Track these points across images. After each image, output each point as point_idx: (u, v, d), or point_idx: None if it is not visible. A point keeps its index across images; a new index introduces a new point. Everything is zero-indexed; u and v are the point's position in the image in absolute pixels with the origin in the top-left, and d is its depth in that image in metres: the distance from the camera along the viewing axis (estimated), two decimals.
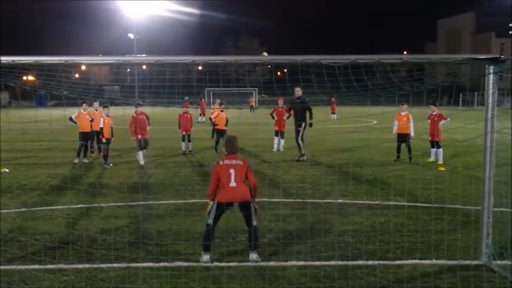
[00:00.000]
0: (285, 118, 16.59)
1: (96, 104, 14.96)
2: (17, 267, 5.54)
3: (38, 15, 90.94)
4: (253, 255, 5.70)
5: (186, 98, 34.73)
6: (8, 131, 18.85)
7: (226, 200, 5.69)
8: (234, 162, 5.80)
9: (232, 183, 5.69)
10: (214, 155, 15.34)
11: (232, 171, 5.71)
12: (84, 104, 14.45)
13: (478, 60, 5.54)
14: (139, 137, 13.59)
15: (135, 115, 13.74)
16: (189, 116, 16.62)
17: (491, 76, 5.44)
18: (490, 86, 5.47)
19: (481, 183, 5.68)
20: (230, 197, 5.68)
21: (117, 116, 14.71)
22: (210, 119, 16.92)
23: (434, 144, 13.79)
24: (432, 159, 13.88)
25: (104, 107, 13.91)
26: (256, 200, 6.00)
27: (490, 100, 5.48)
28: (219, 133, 16.33)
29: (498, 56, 5.38)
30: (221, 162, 5.83)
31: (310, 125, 14.55)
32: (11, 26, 79.08)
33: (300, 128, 14.29)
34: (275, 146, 16.74)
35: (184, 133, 16.12)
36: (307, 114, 14.50)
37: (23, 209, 8.33)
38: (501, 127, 5.84)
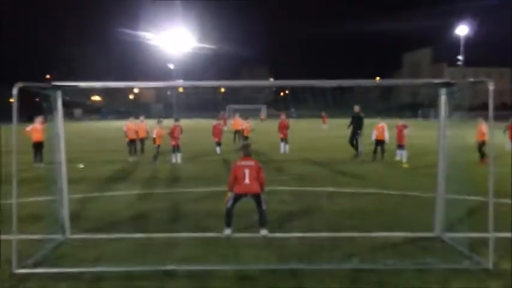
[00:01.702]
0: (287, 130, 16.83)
1: (141, 117, 15.50)
2: (87, 235, 5.68)
3: (93, 49, 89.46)
4: (263, 231, 5.66)
5: (222, 112, 36.47)
6: (83, 138, 19.17)
7: (242, 192, 5.71)
8: (248, 163, 5.77)
9: (247, 181, 5.67)
10: (237, 156, 15.40)
11: (246, 171, 5.69)
12: (131, 117, 14.93)
13: (434, 84, 5.58)
14: (173, 143, 13.98)
15: (173, 127, 14.22)
16: (220, 126, 17.07)
17: (443, 96, 5.49)
18: (443, 103, 5.52)
19: (436, 176, 5.68)
20: (245, 190, 5.69)
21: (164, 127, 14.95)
22: (241, 131, 18.12)
23: (400, 147, 13.78)
24: (398, 158, 13.80)
25: (159, 121, 14.47)
26: (265, 189, 6.04)
27: (443, 113, 5.52)
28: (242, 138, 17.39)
29: (448, 81, 5.42)
30: (239, 163, 5.81)
31: (358, 133, 14.91)
32: (71, 57, 78.67)
33: (357, 136, 14.81)
34: (281, 148, 16.78)
35: (217, 140, 16.46)
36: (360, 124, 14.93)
37: (95, 194, 8.52)
38: (451, 134, 5.83)
